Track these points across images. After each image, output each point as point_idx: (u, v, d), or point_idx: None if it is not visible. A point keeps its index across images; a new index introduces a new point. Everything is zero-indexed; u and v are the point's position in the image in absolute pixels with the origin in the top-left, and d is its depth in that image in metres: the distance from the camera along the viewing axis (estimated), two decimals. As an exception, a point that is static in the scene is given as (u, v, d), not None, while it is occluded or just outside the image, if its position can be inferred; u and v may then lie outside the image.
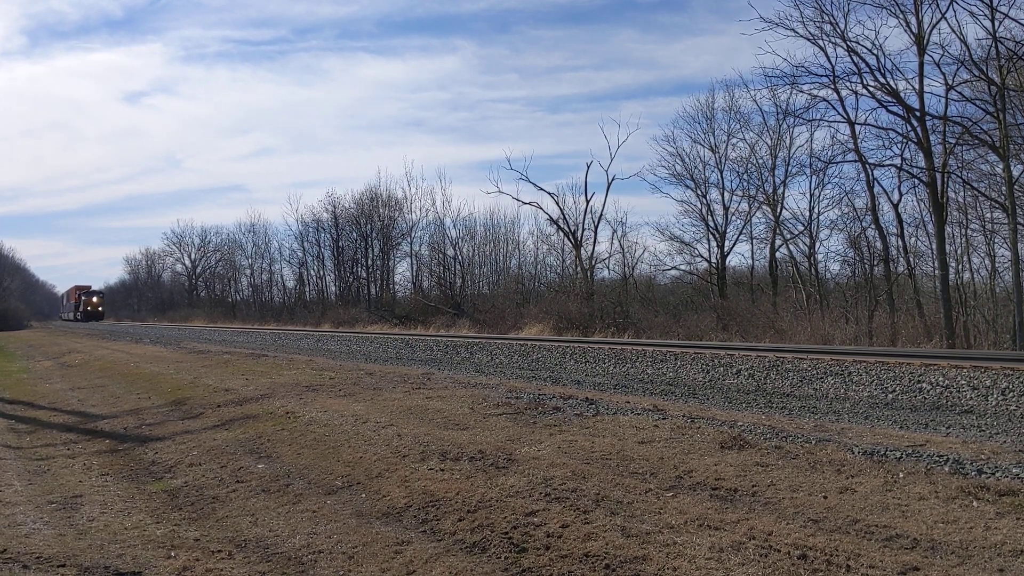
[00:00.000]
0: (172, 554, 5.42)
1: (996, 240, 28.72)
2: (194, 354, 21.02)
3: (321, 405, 10.31)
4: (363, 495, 6.43)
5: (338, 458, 7.58)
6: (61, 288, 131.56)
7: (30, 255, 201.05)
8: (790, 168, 35.45)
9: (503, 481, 6.16)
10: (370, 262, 62.33)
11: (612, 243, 46.28)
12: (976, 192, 27.54)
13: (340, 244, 64.15)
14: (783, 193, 35.72)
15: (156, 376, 16.76)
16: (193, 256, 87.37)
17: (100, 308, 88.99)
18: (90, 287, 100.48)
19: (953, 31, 25.84)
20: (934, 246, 27.38)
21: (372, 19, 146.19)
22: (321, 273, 67.56)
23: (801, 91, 28.71)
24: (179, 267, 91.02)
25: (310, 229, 66.71)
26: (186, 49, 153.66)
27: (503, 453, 6.97)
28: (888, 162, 28.52)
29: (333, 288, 65.66)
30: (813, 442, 6.73)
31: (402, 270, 61.20)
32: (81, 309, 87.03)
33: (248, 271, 78.19)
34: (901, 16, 26.34)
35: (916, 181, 28.02)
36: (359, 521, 5.84)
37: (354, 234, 62.96)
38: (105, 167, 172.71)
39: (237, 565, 5.19)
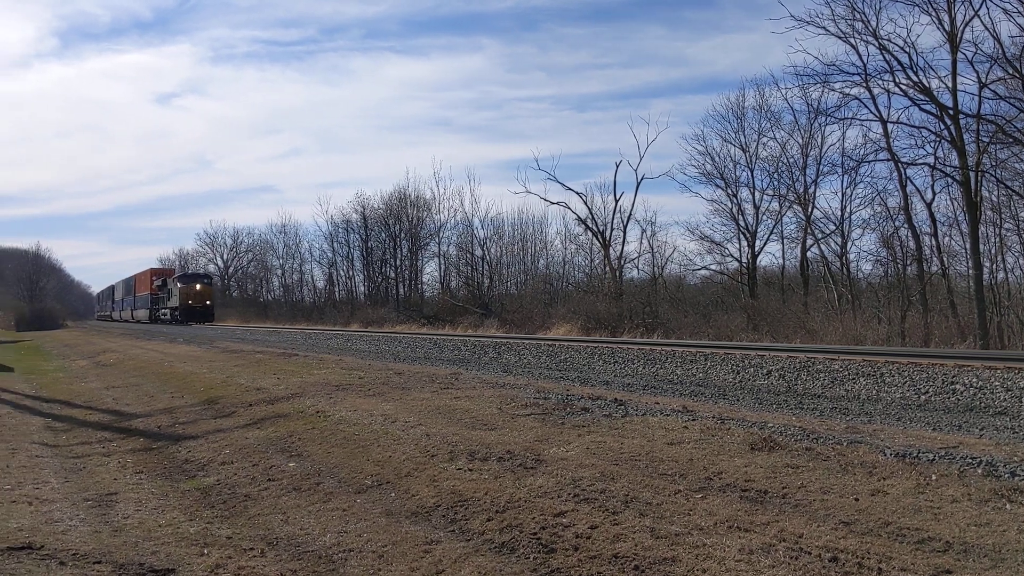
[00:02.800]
0: (205, 551, 5.49)
1: (1031, 239, 28.31)
2: (227, 353, 21.24)
3: (351, 404, 10.38)
4: (392, 494, 6.47)
5: (367, 457, 7.63)
6: (96, 287, 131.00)
7: (65, 255, 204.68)
8: (821, 167, 35.23)
9: (531, 481, 6.17)
10: (398, 262, 62.73)
11: (641, 243, 46.26)
12: (1010, 191, 27.16)
13: (369, 244, 64.61)
14: (814, 192, 35.49)
15: (189, 375, 16.95)
16: (226, 256, 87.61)
17: (208, 302, 58.22)
18: (185, 270, 73.21)
19: (986, 28, 25.58)
20: (968, 245, 27.07)
21: (398, 19, 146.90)
22: (350, 273, 68.09)
23: (833, 89, 28.57)
24: (212, 267, 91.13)
25: (340, 230, 67.24)
26: (215, 50, 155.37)
27: (531, 453, 6.98)
28: (921, 161, 28.24)
29: (362, 288, 66.17)
30: (844, 444, 6.67)
31: (430, 270, 61.51)
32: (179, 304, 57.13)
33: (279, 271, 78.86)
34: (934, 13, 26.07)
35: (949, 180, 27.71)
36: (388, 520, 5.88)
37: (383, 234, 63.41)
38: (137, 168, 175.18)
39: (269, 563, 5.25)
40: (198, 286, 58.14)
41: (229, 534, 6.02)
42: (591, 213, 44.41)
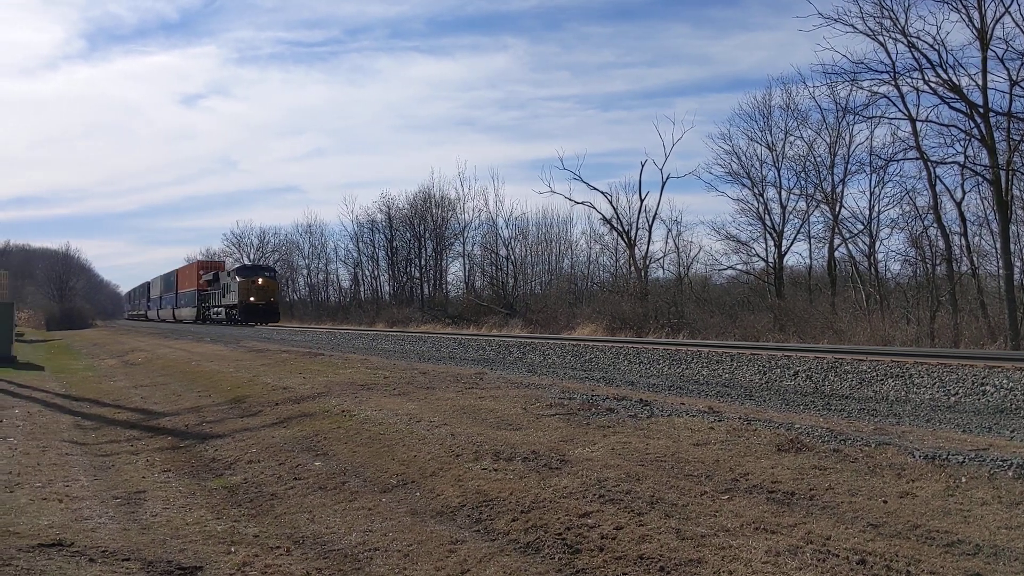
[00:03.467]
0: (232, 550, 5.53)
1: (1063, 239, 27.95)
2: (253, 353, 21.39)
3: (376, 404, 10.41)
4: (417, 494, 6.49)
5: (393, 456, 7.65)
6: (124, 287, 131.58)
7: (93, 255, 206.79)
8: (849, 166, 34.90)
9: (556, 482, 6.17)
10: (423, 262, 62.90)
11: (667, 242, 46.11)
12: (1042, 190, 26.79)
13: (394, 244, 64.87)
14: (842, 191, 35.17)
15: (216, 374, 17.09)
16: (252, 256, 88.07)
17: (272, 298, 49.80)
18: (241, 262, 65.37)
19: (1017, 25, 25.26)
20: (998, 245, 26.68)
21: (422, 18, 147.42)
22: (375, 273, 68.33)
23: (861, 88, 28.30)
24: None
25: (365, 230, 67.51)
26: (240, 51, 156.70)
27: (556, 454, 6.97)
28: (950, 159, 27.90)
29: (387, 288, 66.40)
30: (872, 445, 6.61)
31: (455, 270, 61.67)
32: (238, 301, 48.27)
33: (305, 271, 79.11)
34: (963, 11, 25.76)
35: (980, 179, 27.37)
36: (414, 519, 5.90)
37: (408, 234, 63.64)
38: (162, 168, 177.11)
39: (295, 561, 5.28)
40: (260, 280, 49.62)
41: (256, 532, 6.07)
42: (616, 213, 44.32)
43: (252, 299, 48.40)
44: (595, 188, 68.94)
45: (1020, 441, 7.26)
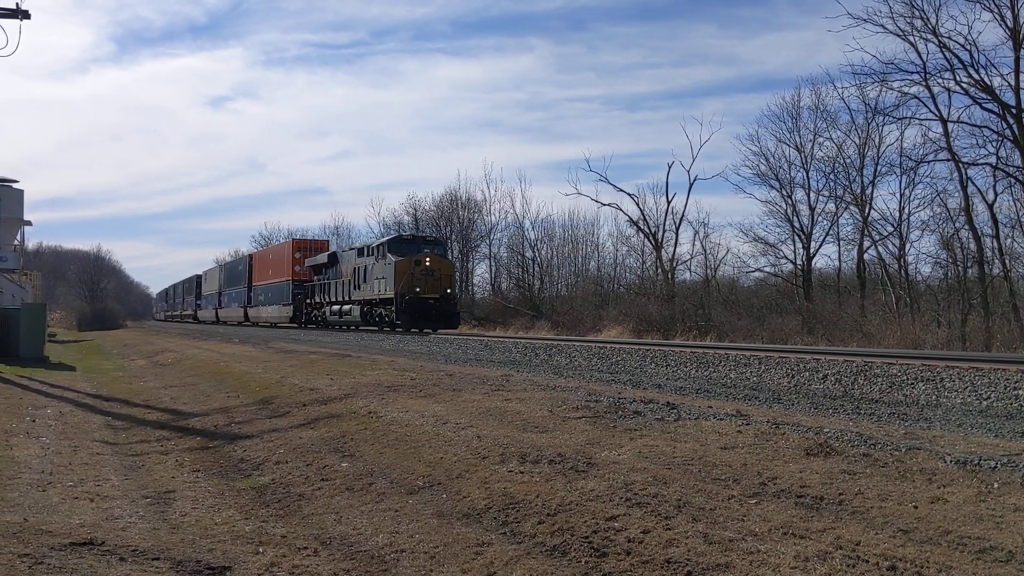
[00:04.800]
0: (260, 550, 5.57)
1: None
2: (281, 354, 21.55)
3: (402, 405, 10.45)
4: (444, 495, 6.50)
5: (419, 458, 7.67)
6: (155, 288, 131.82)
7: (123, 256, 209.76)
8: (879, 168, 34.63)
9: (583, 485, 6.15)
10: (450, 263, 62.84)
11: (694, 244, 45.98)
12: (1077, 191, 26.41)
13: (421, 246, 64.74)
14: (872, 193, 34.90)
15: (244, 375, 17.23)
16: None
17: (450, 290, 32.82)
18: (399, 232, 47.89)
19: (1052, 23, 24.87)
20: (1032, 247, 26.30)
21: (447, 20, 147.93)
22: (403, 274, 68.20)
23: (891, 88, 28.14)
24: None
25: (392, 231, 67.65)
26: (266, 53, 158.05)
27: (583, 456, 6.96)
28: (982, 161, 27.63)
29: (415, 289, 66.26)
30: (903, 450, 6.53)
31: (481, 272, 61.71)
32: (398, 293, 31.40)
33: (334, 272, 79.05)
34: (996, 10, 25.54)
35: (1012, 180, 27.01)
36: (440, 521, 5.91)
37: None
38: (190, 170, 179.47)
39: (322, 562, 5.31)
40: (428, 260, 31.85)
41: (284, 533, 6.10)
42: (643, 214, 44.24)
43: (419, 290, 31.20)
44: (621, 190, 68.91)
45: (1054, 447, 7.14)
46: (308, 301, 42.30)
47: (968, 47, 25.93)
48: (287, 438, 9.71)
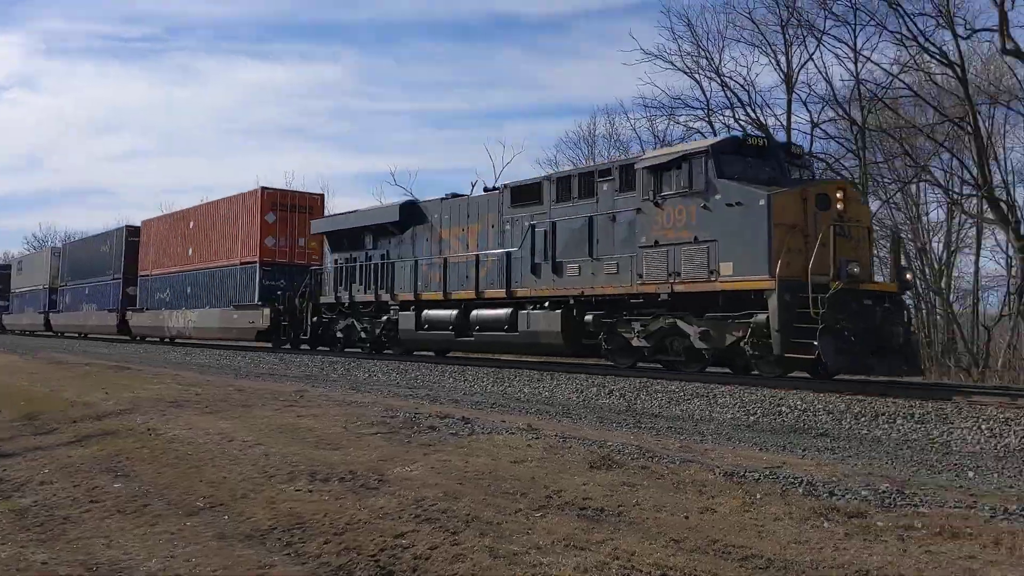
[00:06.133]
0: (16, 580, 5.12)
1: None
2: (52, 365, 19.98)
3: (185, 422, 9.95)
4: (226, 516, 6.23)
5: (201, 478, 7.33)
6: None
7: None
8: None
9: (373, 502, 6.09)
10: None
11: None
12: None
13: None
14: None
15: (7, 387, 15.84)
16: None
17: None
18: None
19: (819, 72, 27.53)
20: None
21: (251, 22, 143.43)
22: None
23: (678, 122, 29.95)
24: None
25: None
26: (47, 42, 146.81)
27: (375, 473, 6.89)
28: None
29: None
30: (678, 462, 6.93)
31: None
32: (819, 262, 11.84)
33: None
34: (772, 55, 27.86)
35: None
36: (220, 543, 5.65)
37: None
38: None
39: (87, 591, 4.95)
40: (842, 196, 12.97)
41: (45, 559, 5.63)
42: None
43: (856, 271, 12.32)
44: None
45: (811, 459, 7.81)
46: (310, 303, 24.69)
47: (747, 88, 28.13)
48: (54, 456, 8.99)
